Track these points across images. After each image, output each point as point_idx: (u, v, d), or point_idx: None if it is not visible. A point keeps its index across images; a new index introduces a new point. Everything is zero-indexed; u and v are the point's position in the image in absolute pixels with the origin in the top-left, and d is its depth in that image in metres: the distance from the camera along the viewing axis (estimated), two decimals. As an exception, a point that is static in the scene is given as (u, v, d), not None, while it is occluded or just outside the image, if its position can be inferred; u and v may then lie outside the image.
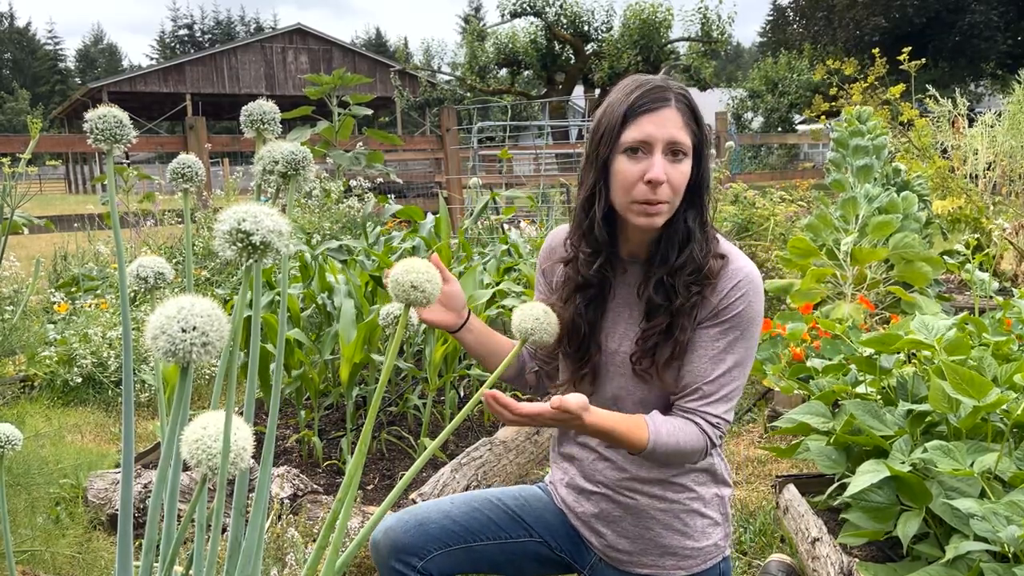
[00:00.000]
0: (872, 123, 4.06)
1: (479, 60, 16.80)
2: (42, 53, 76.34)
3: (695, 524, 1.42)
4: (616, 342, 1.39)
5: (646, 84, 1.29)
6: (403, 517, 1.44)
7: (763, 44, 31.12)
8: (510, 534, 1.47)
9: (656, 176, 1.24)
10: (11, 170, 2.63)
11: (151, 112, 30.14)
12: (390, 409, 3.07)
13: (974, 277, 3.08)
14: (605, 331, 1.40)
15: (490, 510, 1.48)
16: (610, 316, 1.41)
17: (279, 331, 1.04)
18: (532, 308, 1.19)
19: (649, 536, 1.42)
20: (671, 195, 1.27)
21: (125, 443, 1.01)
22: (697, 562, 1.43)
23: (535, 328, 1.18)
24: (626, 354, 1.38)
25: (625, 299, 1.40)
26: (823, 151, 17.62)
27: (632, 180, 1.27)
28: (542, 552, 1.49)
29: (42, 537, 1.97)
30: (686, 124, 1.28)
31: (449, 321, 1.44)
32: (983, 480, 1.64)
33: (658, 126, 1.26)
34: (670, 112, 1.27)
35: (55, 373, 3.67)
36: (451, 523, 1.43)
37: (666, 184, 1.26)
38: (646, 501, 1.41)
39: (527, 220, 6.13)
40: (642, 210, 1.28)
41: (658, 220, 1.29)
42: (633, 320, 1.38)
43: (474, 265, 3.21)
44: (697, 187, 1.32)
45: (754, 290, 1.32)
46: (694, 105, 1.31)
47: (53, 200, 19.99)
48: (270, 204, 0.86)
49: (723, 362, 1.31)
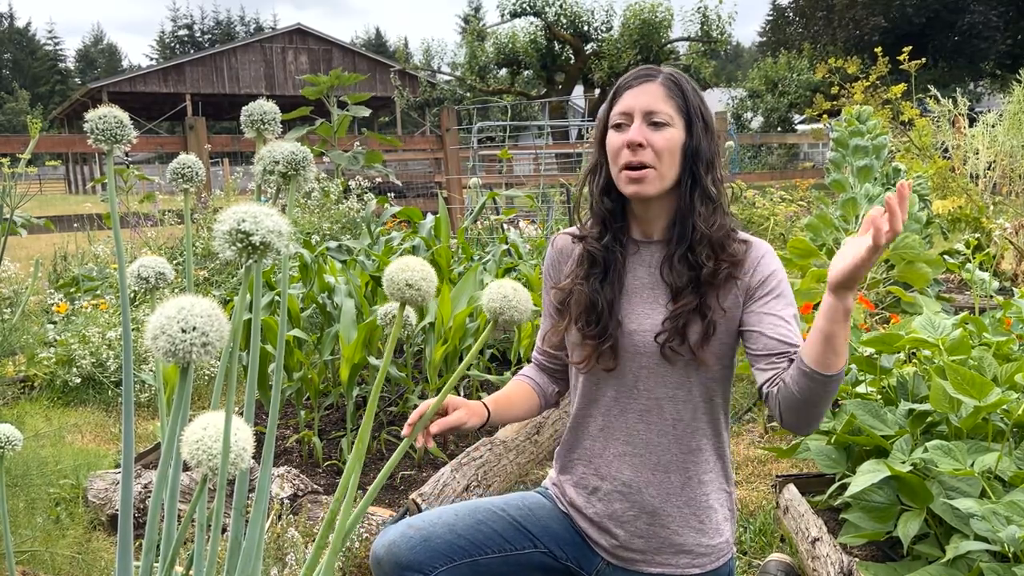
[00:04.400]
0: (872, 123, 4.06)
1: (479, 60, 16.80)
2: (42, 53, 76.35)
3: (709, 521, 1.43)
4: (636, 322, 1.40)
5: (638, 69, 1.41)
6: (407, 532, 1.40)
7: (763, 44, 31.12)
8: (515, 546, 1.45)
9: (631, 138, 1.33)
10: (11, 170, 2.63)
11: (151, 112, 30.14)
12: (390, 409, 3.07)
13: (974, 277, 3.08)
14: (624, 310, 1.42)
15: (495, 522, 1.46)
16: (627, 295, 1.43)
17: (279, 331, 1.04)
18: (500, 286, 1.14)
19: (664, 534, 1.42)
20: (654, 159, 1.34)
21: (125, 443, 1.01)
22: (711, 559, 1.43)
23: (504, 307, 1.13)
24: (647, 334, 1.39)
25: (642, 279, 1.42)
26: (823, 151, 17.62)
27: (617, 148, 1.36)
28: (547, 562, 1.48)
29: (42, 537, 1.97)
30: (669, 96, 1.35)
31: (477, 421, 1.46)
32: (983, 480, 1.64)
33: (636, 97, 1.35)
34: (651, 86, 1.36)
35: (55, 373, 3.67)
36: (456, 537, 1.41)
37: (649, 149, 1.33)
38: (663, 499, 1.41)
39: (527, 220, 6.13)
40: (627, 177, 1.35)
41: (646, 188, 1.35)
42: (654, 301, 1.40)
43: (474, 265, 3.21)
44: (694, 159, 1.37)
45: (771, 252, 1.41)
46: (682, 82, 1.38)
47: (53, 200, 19.99)
48: (270, 204, 0.86)
49: (790, 320, 1.37)
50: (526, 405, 1.58)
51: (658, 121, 1.34)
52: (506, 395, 1.56)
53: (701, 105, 1.38)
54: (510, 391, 1.58)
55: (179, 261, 4.87)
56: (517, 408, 1.57)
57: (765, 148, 18.18)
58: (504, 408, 1.53)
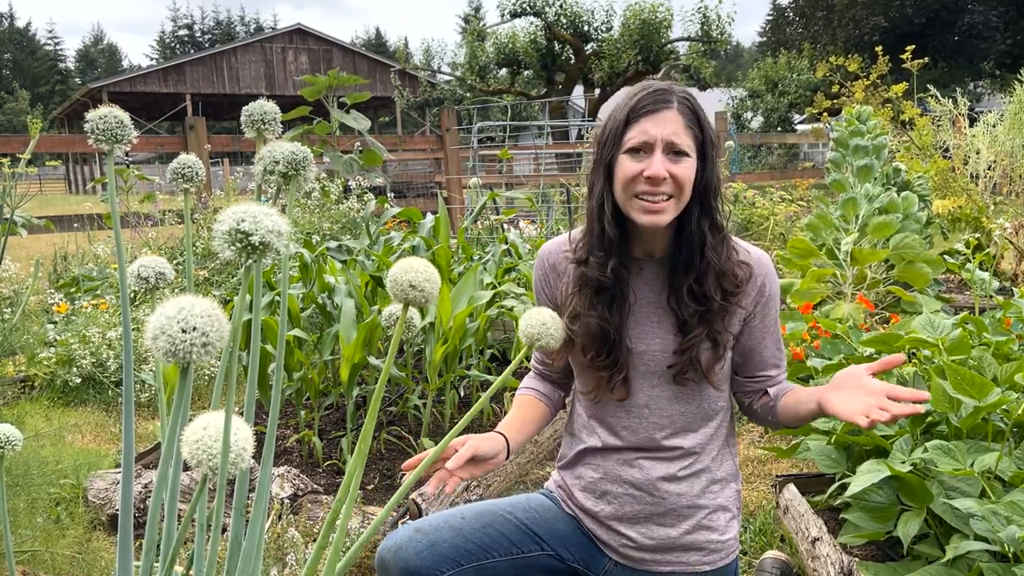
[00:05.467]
0: (872, 123, 4.06)
1: (479, 60, 16.79)
2: (42, 53, 76.35)
3: (720, 518, 1.44)
4: (644, 343, 1.40)
5: (649, 88, 1.33)
6: (414, 537, 1.39)
7: (763, 44, 31.12)
8: (521, 549, 1.45)
9: (655, 173, 1.28)
10: (11, 170, 2.63)
11: (151, 112, 30.13)
12: (390, 409, 3.07)
13: (974, 276, 3.08)
14: (631, 332, 1.41)
15: (502, 525, 1.45)
16: (633, 315, 1.41)
17: (279, 331, 1.04)
18: (539, 313, 1.20)
19: (676, 534, 1.42)
20: (674, 189, 1.30)
21: (125, 443, 1.01)
22: (721, 556, 1.44)
23: (541, 333, 1.18)
24: (656, 354, 1.39)
25: (647, 298, 1.41)
26: (823, 151, 17.61)
27: (632, 176, 1.30)
28: (553, 564, 1.47)
29: (42, 537, 1.97)
30: (687, 126, 1.30)
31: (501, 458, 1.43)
32: (983, 480, 1.64)
33: (658, 125, 1.29)
34: (671, 113, 1.30)
35: (55, 373, 3.67)
36: (463, 541, 1.40)
37: (669, 179, 1.29)
38: (675, 500, 1.42)
39: (527, 220, 6.13)
40: (643, 206, 1.30)
41: (662, 218, 1.31)
42: (659, 320, 1.40)
43: (474, 265, 3.21)
44: (704, 189, 1.34)
45: (769, 268, 1.44)
46: (698, 109, 1.33)
47: (53, 200, 19.99)
48: (270, 204, 0.86)
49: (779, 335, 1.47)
50: (539, 420, 1.56)
51: (679, 151, 1.30)
52: (518, 418, 1.52)
53: (710, 129, 1.35)
54: (521, 412, 1.54)
55: (179, 261, 4.87)
56: (531, 425, 1.54)
57: (765, 148, 18.18)
58: (518, 432, 1.50)
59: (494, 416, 3.17)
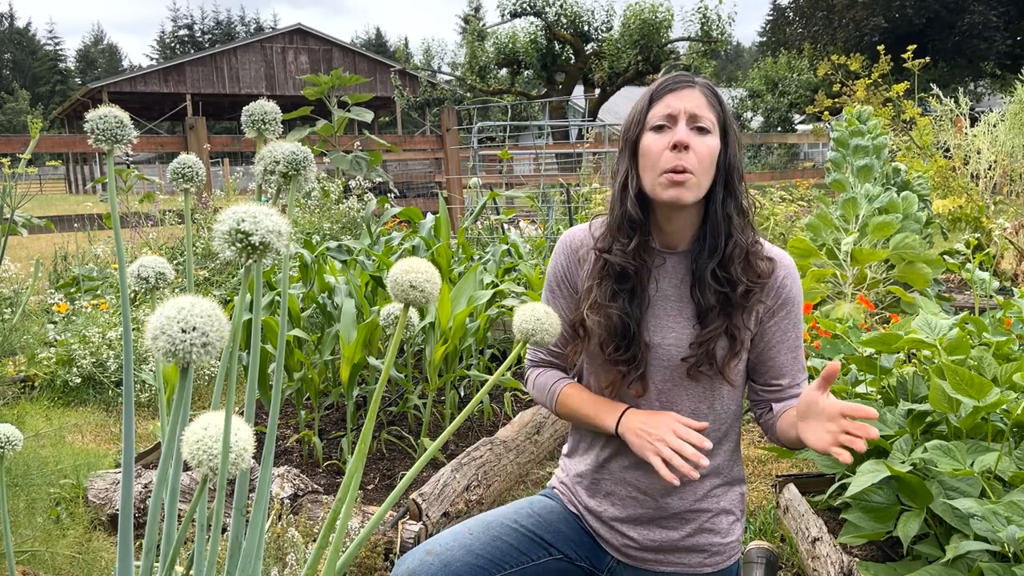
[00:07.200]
0: (872, 123, 4.06)
1: (479, 60, 16.80)
2: (42, 53, 76.35)
3: (723, 521, 1.44)
4: (660, 335, 1.39)
5: (672, 75, 1.37)
6: (426, 560, 1.36)
7: (763, 44, 31.12)
8: (531, 557, 1.44)
9: (680, 139, 1.29)
10: (11, 170, 2.64)
11: (151, 112, 30.15)
12: (390, 409, 3.07)
13: (974, 276, 3.08)
14: (648, 325, 1.39)
15: (509, 535, 1.44)
16: (652, 309, 1.40)
17: (280, 331, 1.04)
18: (533, 309, 1.19)
19: (677, 536, 1.42)
20: (696, 164, 1.30)
21: (125, 443, 1.01)
22: (724, 558, 1.44)
23: (536, 328, 1.17)
24: (671, 348, 1.38)
25: (667, 291, 1.40)
26: (823, 151, 17.61)
27: (659, 150, 1.31)
28: (563, 567, 1.47)
29: (42, 537, 1.97)
30: (710, 104, 1.33)
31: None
32: (983, 480, 1.64)
33: (681, 99, 1.32)
34: (693, 92, 1.33)
35: (55, 373, 3.67)
36: (475, 558, 1.38)
37: (692, 153, 1.29)
38: (680, 503, 1.42)
39: (527, 220, 6.13)
40: (669, 180, 1.29)
41: (685, 194, 1.30)
42: (679, 314, 1.39)
43: (474, 265, 3.21)
44: (728, 171, 1.35)
45: (791, 269, 1.43)
46: (718, 93, 1.36)
47: (53, 200, 19.99)
48: (270, 204, 0.86)
49: (798, 347, 1.44)
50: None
51: (702, 127, 1.30)
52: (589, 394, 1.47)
53: (731, 114, 1.36)
54: (581, 389, 1.49)
55: (179, 261, 4.87)
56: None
57: (765, 148, 18.19)
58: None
59: (494, 416, 3.18)
